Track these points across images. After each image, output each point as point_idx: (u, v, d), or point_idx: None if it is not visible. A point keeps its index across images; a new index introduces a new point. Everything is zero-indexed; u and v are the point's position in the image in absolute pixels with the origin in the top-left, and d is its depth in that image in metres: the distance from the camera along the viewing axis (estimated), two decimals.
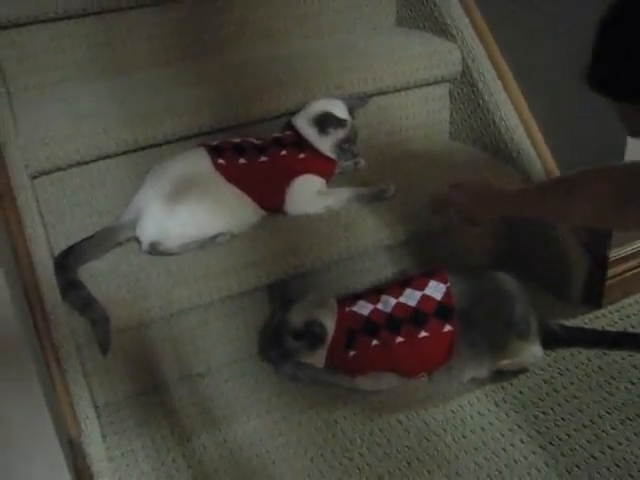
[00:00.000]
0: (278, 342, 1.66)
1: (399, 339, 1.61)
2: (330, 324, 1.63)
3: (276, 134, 1.87)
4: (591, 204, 1.42)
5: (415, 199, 1.83)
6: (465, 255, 1.98)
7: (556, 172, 1.95)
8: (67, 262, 1.62)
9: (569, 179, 1.53)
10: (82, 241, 1.68)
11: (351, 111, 1.90)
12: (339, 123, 1.85)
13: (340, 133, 1.86)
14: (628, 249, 1.87)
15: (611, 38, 0.91)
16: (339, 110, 1.87)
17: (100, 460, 1.48)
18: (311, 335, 1.62)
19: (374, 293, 1.69)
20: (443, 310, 1.61)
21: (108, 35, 1.98)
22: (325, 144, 1.86)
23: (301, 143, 1.84)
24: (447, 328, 1.60)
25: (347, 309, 1.66)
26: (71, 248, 1.66)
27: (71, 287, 1.57)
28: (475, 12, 2.10)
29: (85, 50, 1.96)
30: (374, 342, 1.61)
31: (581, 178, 1.49)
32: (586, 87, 0.97)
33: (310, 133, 1.85)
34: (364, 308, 1.65)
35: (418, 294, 1.64)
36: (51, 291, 1.54)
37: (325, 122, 1.83)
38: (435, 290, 1.63)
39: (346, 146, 1.87)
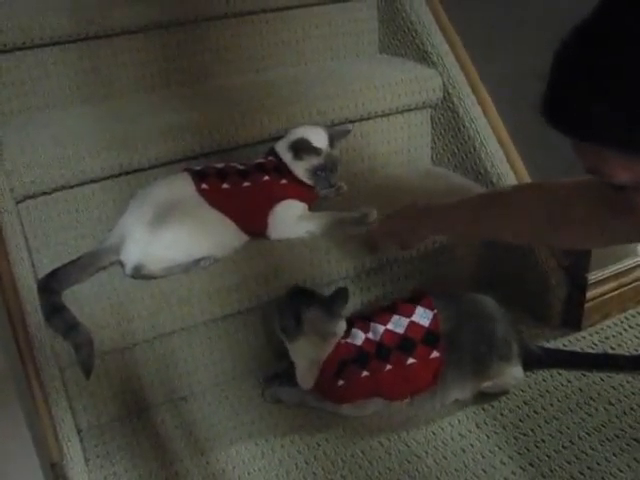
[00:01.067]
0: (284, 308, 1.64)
1: (388, 367, 1.61)
2: (325, 352, 1.62)
3: (259, 160, 1.88)
4: (526, 222, 1.41)
5: None
6: (446, 278, 1.99)
7: None
8: (51, 286, 1.62)
9: (503, 196, 1.52)
10: (66, 265, 1.68)
11: (332, 141, 1.91)
12: (313, 150, 1.85)
13: (314, 160, 1.86)
14: (606, 272, 1.90)
15: (561, 75, 0.88)
16: (317, 138, 1.88)
17: None
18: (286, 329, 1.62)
19: (363, 320, 1.67)
20: (430, 336, 1.61)
21: (93, 61, 1.99)
22: (299, 169, 1.86)
23: (282, 169, 1.86)
24: (434, 354, 1.61)
25: (342, 341, 1.63)
26: (55, 271, 1.66)
27: (55, 311, 1.57)
28: (455, 40, 2.14)
29: (71, 76, 1.97)
30: (364, 373, 1.61)
31: (516, 195, 1.47)
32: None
33: (287, 158, 1.86)
34: (357, 338, 1.63)
35: (405, 321, 1.63)
36: (34, 314, 1.54)
37: (299, 148, 1.85)
38: (422, 317, 1.63)
39: (322, 174, 1.88)
